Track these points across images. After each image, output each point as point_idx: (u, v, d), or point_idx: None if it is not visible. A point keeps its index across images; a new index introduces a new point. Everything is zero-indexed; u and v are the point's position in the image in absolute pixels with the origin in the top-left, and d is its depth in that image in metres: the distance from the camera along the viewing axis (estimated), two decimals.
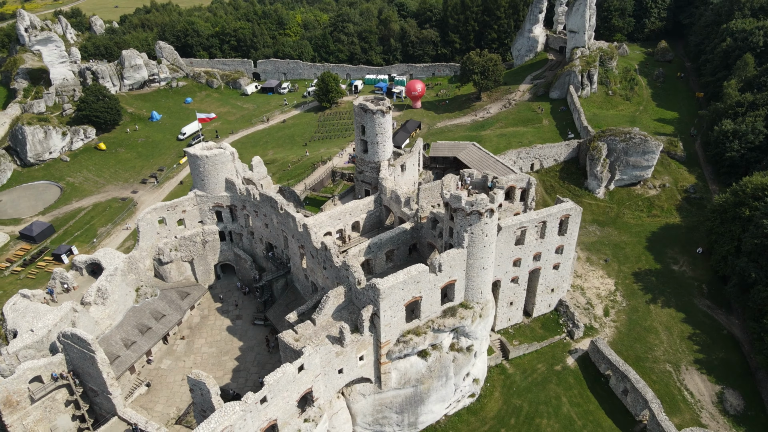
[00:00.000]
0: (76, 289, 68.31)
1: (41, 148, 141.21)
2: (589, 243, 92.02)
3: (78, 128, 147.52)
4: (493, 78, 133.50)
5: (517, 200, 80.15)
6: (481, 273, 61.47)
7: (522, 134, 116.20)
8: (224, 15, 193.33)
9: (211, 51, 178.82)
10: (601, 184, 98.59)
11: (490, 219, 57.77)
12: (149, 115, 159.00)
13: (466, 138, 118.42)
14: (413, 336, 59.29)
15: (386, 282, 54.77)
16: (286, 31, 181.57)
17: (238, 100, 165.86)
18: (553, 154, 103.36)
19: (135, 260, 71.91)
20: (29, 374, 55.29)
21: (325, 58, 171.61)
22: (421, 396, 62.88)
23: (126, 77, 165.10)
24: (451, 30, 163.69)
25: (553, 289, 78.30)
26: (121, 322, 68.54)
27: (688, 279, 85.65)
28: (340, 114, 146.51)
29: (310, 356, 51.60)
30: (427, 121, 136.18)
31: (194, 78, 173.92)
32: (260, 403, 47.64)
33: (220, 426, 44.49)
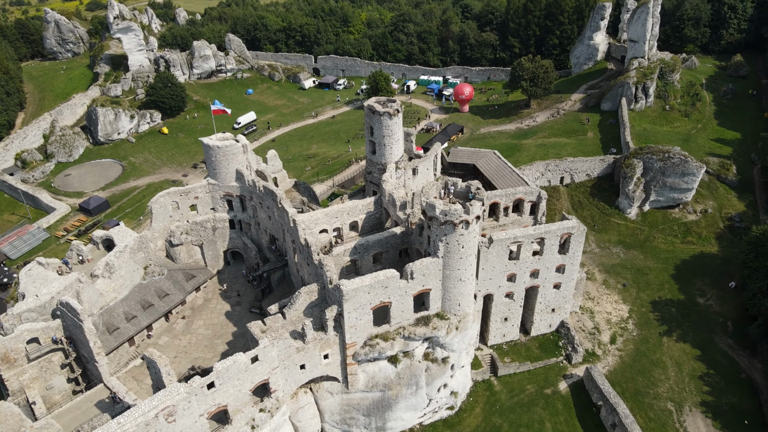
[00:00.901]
0: (90, 262, 73.70)
1: (111, 128, 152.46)
2: (609, 265, 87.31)
3: (145, 112, 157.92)
4: (542, 85, 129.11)
5: (526, 214, 77.61)
6: (458, 285, 60.32)
7: (562, 146, 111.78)
8: (296, 11, 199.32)
9: (277, 45, 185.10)
10: (632, 204, 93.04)
11: (466, 231, 56.54)
12: (212, 103, 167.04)
13: (505, 146, 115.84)
14: (380, 341, 59.25)
15: (351, 284, 55.15)
16: (349, 29, 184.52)
17: (295, 94, 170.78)
18: (585, 169, 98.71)
19: (146, 240, 76.51)
20: (26, 335, 60.42)
21: (383, 57, 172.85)
22: (389, 402, 62.70)
23: (195, 66, 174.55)
24: (511, 34, 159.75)
25: (554, 309, 75.16)
26: (126, 297, 73.17)
27: (713, 314, 79.29)
28: None
29: (266, 348, 53.00)
30: (471, 126, 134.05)
31: (258, 70, 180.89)
32: (207, 388, 49.52)
33: (161, 404, 46.86)
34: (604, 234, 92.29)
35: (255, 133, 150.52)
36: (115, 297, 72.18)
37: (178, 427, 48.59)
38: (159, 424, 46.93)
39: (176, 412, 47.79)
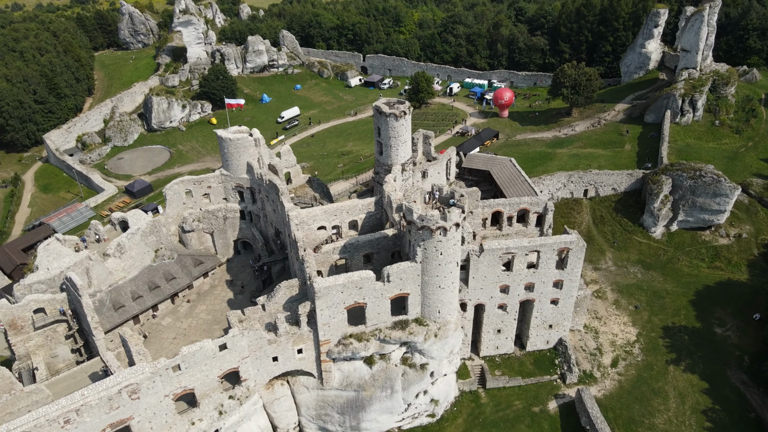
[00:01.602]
0: (106, 241, 78.14)
1: (163, 116, 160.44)
2: (624, 284, 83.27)
3: (197, 102, 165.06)
4: (585, 94, 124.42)
5: (531, 225, 75.46)
6: (437, 291, 59.60)
7: (596, 157, 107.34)
8: (352, 10, 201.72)
9: (329, 42, 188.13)
10: (658, 222, 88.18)
11: (444, 237, 55.76)
12: (260, 97, 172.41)
13: (537, 154, 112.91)
14: (354, 341, 59.50)
15: (324, 282, 55.76)
16: (400, 29, 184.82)
17: (341, 92, 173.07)
18: (611, 183, 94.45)
19: (159, 224, 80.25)
20: (33, 305, 64.91)
21: (430, 58, 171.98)
22: (363, 402, 62.84)
23: (248, 61, 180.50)
24: (562, 39, 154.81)
25: (552, 326, 72.63)
26: (135, 277, 77.07)
27: (730, 346, 74.07)
28: (426, 115, 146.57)
29: (235, 338, 54.49)
30: (507, 132, 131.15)
31: (308, 66, 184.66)
32: (173, 370, 51.54)
33: (125, 381, 49.25)
34: (624, 252, 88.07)
35: (296, 128, 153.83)
36: (124, 276, 76.19)
37: (143, 405, 50.88)
38: (122, 399, 49.34)
39: (140, 390, 50.05)
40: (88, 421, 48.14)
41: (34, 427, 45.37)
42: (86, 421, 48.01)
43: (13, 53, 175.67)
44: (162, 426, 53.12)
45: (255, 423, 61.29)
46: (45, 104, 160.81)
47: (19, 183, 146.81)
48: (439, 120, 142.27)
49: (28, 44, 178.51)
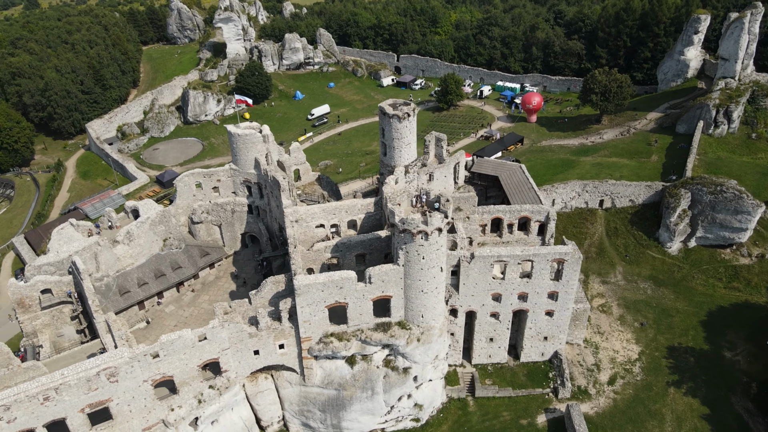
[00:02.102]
0: (118, 228, 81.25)
1: (199, 110, 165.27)
2: (632, 300, 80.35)
3: (231, 97, 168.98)
4: (615, 101, 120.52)
5: (533, 233, 73.82)
6: (420, 296, 59.25)
7: (620, 167, 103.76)
8: (392, 9, 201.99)
9: (365, 42, 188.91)
10: (673, 237, 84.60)
11: (425, 241, 55.37)
12: (294, 93, 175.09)
13: (560, 161, 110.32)
14: (335, 340, 59.88)
15: (304, 279, 56.36)
16: (436, 29, 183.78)
17: (372, 91, 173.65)
18: (629, 194, 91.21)
19: (168, 215, 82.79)
20: (40, 286, 68.29)
21: (464, 60, 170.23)
22: (344, 402, 63.14)
23: (285, 58, 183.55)
24: (599, 44, 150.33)
25: (547, 338, 70.88)
26: (142, 264, 79.78)
27: (738, 372, 70.42)
28: (453, 117, 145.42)
29: (215, 329, 55.79)
30: (533, 137, 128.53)
31: (343, 65, 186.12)
32: (151, 357, 53.22)
33: (104, 364, 51.24)
34: (635, 266, 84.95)
35: (325, 125, 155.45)
36: (132, 263, 79.00)
37: (121, 388, 52.83)
38: (100, 381, 51.39)
39: (119, 374, 51.98)
40: (67, 399, 50.37)
41: (14, 402, 47.81)
42: (65, 399, 50.24)
43: (65, 45, 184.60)
44: (141, 410, 54.98)
45: (237, 414, 62.63)
46: (91, 94, 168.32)
47: (61, 169, 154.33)
48: (466, 123, 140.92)
49: (80, 37, 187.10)
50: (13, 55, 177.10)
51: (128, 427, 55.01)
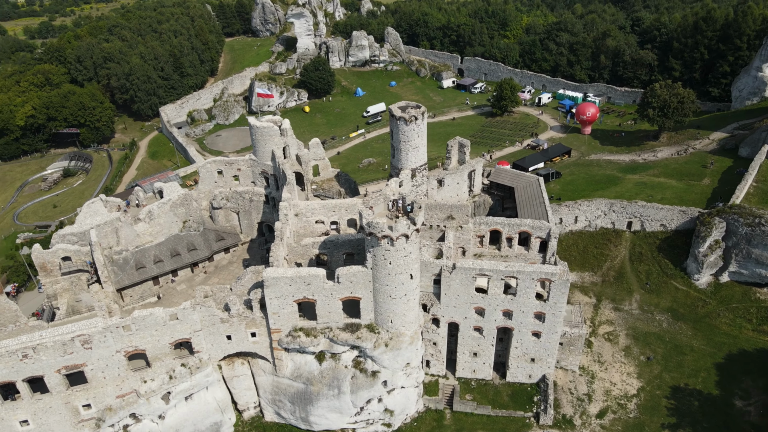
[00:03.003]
0: (144, 207, 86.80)
1: (262, 101, 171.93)
2: (642, 331, 74.83)
3: (294, 90, 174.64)
4: (674, 117, 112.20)
5: (534, 250, 70.74)
6: (388, 301, 58.75)
7: (664, 188, 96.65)
8: (464, 10, 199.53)
9: (433, 42, 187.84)
10: (702, 269, 77.69)
11: (391, 246, 54.81)
12: (355, 90, 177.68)
13: (604, 177, 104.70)
14: (303, 335, 60.77)
15: (272, 272, 57.68)
16: (505, 33, 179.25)
17: (432, 92, 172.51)
18: (660, 218, 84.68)
19: (190, 198, 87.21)
20: (61, 253, 74.40)
21: (528, 65, 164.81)
22: (311, 396, 63.89)
23: (351, 55, 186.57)
24: (673, 55, 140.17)
25: (534, 360, 67.72)
26: (161, 243, 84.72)
27: (746, 423, 63.75)
28: (505, 123, 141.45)
29: (186, 311, 58.42)
30: (583, 150, 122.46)
31: (407, 64, 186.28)
32: (124, 329, 56.67)
33: (78, 331, 55.25)
34: (655, 296, 78.94)
35: (378, 124, 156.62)
36: (151, 241, 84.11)
37: (95, 355, 56.68)
38: (75, 347, 55.45)
39: (92, 341, 55.83)
40: (44, 359, 54.83)
41: None
42: (42, 359, 54.72)
43: (154, 33, 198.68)
44: (114, 378, 58.73)
45: (212, 394, 65.20)
46: (169, 80, 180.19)
47: (134, 148, 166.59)
48: (517, 130, 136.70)
49: (167, 26, 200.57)
50: (108, 41, 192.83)
51: (102, 393, 58.94)
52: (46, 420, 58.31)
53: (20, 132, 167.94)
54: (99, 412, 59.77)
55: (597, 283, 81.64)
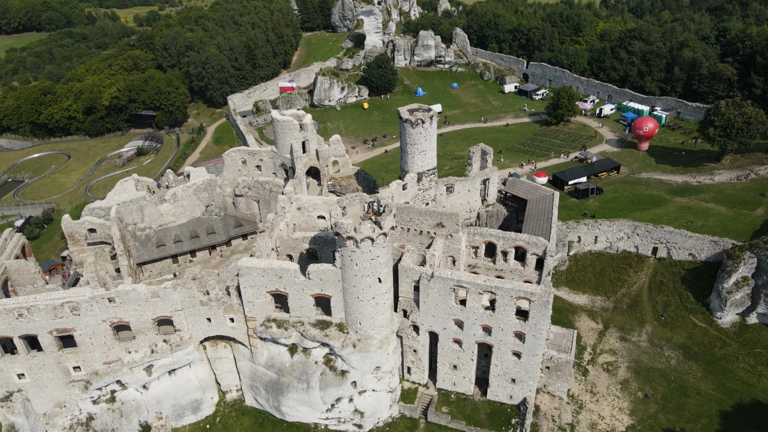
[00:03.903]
0: (171, 188, 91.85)
1: (324, 95, 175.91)
2: (646, 366, 69.40)
3: (355, 86, 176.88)
4: (738, 138, 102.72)
5: (530, 267, 67.70)
6: (356, 302, 58.66)
7: (710, 214, 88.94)
8: (540, 13, 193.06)
9: (501, 45, 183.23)
10: (725, 307, 70.76)
11: (356, 248, 54.68)
12: (415, 90, 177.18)
13: (649, 197, 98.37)
14: (275, 326, 62.05)
15: (247, 262, 59.43)
16: (577, 38, 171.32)
17: (492, 96, 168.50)
18: (689, 246, 77.89)
19: (214, 184, 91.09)
20: (87, 225, 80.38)
21: (595, 74, 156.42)
22: (282, 387, 65.09)
23: (416, 54, 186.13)
24: (756, 70, 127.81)
25: (515, 380, 64.85)
26: (182, 224, 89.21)
27: None
28: (558, 133, 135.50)
29: (166, 290, 61.42)
30: (634, 167, 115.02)
31: (472, 66, 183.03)
32: (108, 301, 60.53)
33: (67, 298, 59.69)
34: (668, 330, 72.90)
35: None
36: (173, 221, 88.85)
37: (83, 322, 60.98)
38: (65, 312, 59.95)
39: (80, 308, 60.13)
40: (37, 320, 59.79)
41: None
42: (35, 320, 59.69)
43: (234, 25, 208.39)
44: (101, 345, 62.93)
45: (194, 372, 68.24)
46: (241, 71, 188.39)
47: (201, 132, 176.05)
48: (569, 141, 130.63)
49: (247, 19, 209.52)
50: (192, 30, 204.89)
51: (91, 357, 63.39)
52: (40, 376, 63.57)
53: (105, 111, 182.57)
54: (87, 375, 64.35)
55: (608, 309, 76.67)
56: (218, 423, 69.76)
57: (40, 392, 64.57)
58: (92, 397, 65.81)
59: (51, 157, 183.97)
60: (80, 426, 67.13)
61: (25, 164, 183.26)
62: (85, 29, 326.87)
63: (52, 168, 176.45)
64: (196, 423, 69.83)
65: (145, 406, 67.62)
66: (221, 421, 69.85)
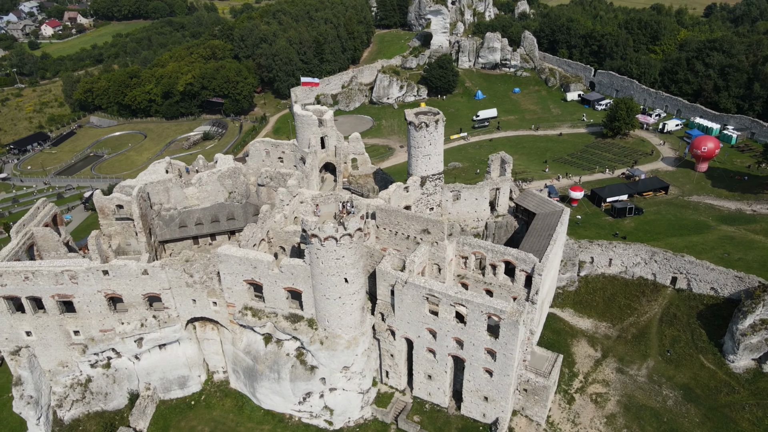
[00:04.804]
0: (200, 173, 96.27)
1: (382, 92, 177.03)
2: (638, 403, 64.25)
3: (414, 86, 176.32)
4: None
5: (518, 283, 64.93)
6: (324, 300, 58.97)
7: (750, 248, 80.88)
8: (621, 17, 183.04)
9: (572, 51, 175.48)
10: (738, 350, 64.02)
11: (321, 246, 54.88)
12: (475, 92, 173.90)
13: (692, 222, 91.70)
14: (250, 314, 63.60)
15: (226, 249, 61.46)
16: (653, 47, 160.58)
17: (554, 103, 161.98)
18: (711, 280, 71.10)
19: (238, 172, 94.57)
20: (115, 201, 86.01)
21: (666, 86, 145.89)
22: (256, 374, 66.58)
23: (481, 56, 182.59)
24: None
25: (487, 398, 62.42)
26: (205, 207, 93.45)
27: None
28: (613, 146, 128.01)
29: (154, 268, 64.64)
30: (687, 189, 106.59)
31: (538, 72, 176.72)
32: (102, 273, 64.63)
33: (67, 267, 64.32)
34: (672, 367, 67.04)
35: (483, 129, 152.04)
36: (197, 204, 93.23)
37: (81, 290, 65.42)
38: (65, 279, 64.66)
39: (77, 277, 64.64)
40: (41, 284, 64.94)
41: (4, 272, 63.91)
42: (39, 283, 64.86)
43: (308, 20, 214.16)
44: (97, 314, 67.35)
45: (183, 350, 71.36)
46: (308, 64, 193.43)
47: (264, 122, 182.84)
48: (622, 156, 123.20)
49: (321, 14, 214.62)
50: (269, 24, 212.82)
51: (88, 324, 68.03)
52: (45, 336, 69.03)
53: (180, 96, 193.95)
54: (85, 340, 69.13)
55: (610, 337, 71.75)
56: (203, 401, 72.55)
57: (45, 350, 70.10)
58: (90, 360, 70.56)
59: (130, 136, 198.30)
60: (79, 386, 72.25)
61: (107, 141, 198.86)
62: (184, 19, 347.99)
63: (129, 146, 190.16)
64: (182, 398, 73.03)
65: (136, 376, 71.66)
66: (205, 400, 72.61)
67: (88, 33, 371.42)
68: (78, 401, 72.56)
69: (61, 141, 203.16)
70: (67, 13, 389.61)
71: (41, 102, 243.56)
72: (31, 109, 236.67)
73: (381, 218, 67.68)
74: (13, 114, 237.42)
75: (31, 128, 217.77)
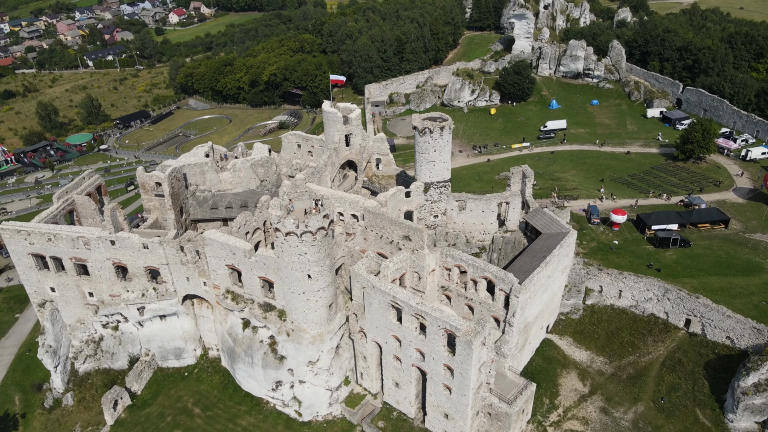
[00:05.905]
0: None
1: (453, 95, 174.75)
2: None
3: (488, 90, 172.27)
4: None
5: (498, 303, 62.25)
6: (289, 294, 60.30)
7: None
8: (720, 34, 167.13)
9: (664, 64, 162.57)
10: (737, 410, 56.78)
11: (284, 239, 56.06)
12: (550, 102, 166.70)
13: (743, 263, 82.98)
14: (230, 297, 66.22)
15: (211, 234, 64.52)
16: (757, 65, 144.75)
17: (632, 119, 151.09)
18: (727, 328, 63.33)
19: (270, 162, 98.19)
20: (155, 178, 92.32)
21: (762, 109, 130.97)
22: (235, 356, 69.20)
23: (562, 64, 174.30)
24: None
25: (447, 415, 60.43)
26: (237, 193, 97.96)
27: None
28: (681, 170, 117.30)
29: (153, 243, 69.20)
30: (751, 224, 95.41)
31: (622, 84, 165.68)
32: (110, 243, 70.27)
33: (81, 233, 70.61)
34: (662, 417, 60.73)
35: (548, 141, 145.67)
36: (230, 189, 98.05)
37: (93, 256, 71.62)
38: (80, 244, 71.14)
39: (90, 243, 70.81)
40: (61, 246, 71.91)
41: (33, 231, 71.46)
42: (59, 245, 71.84)
43: (396, 19, 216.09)
44: (107, 280, 73.41)
45: (180, 325, 75.94)
46: (388, 63, 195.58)
47: None
48: (688, 182, 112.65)
49: (408, 14, 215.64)
50: (356, 21, 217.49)
51: (100, 288, 74.31)
52: (65, 293, 76.30)
53: (264, 85, 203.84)
54: (98, 302, 75.61)
55: (604, 374, 66.42)
56: (195, 374, 76.68)
57: (66, 306, 77.48)
58: (101, 321, 77.07)
59: (217, 120, 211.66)
60: (93, 343, 79.16)
61: (197, 123, 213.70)
62: (292, 12, 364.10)
63: (213, 129, 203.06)
64: (177, 368, 77.64)
65: (139, 341, 77.23)
66: (197, 373, 76.66)
67: (207, 22, 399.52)
68: (91, 356, 79.45)
69: (159, 120, 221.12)
70: (192, 3, 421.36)
71: (152, 83, 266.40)
72: (142, 89, 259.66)
73: (368, 220, 67.59)
74: (127, 92, 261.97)
75: (138, 106, 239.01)
